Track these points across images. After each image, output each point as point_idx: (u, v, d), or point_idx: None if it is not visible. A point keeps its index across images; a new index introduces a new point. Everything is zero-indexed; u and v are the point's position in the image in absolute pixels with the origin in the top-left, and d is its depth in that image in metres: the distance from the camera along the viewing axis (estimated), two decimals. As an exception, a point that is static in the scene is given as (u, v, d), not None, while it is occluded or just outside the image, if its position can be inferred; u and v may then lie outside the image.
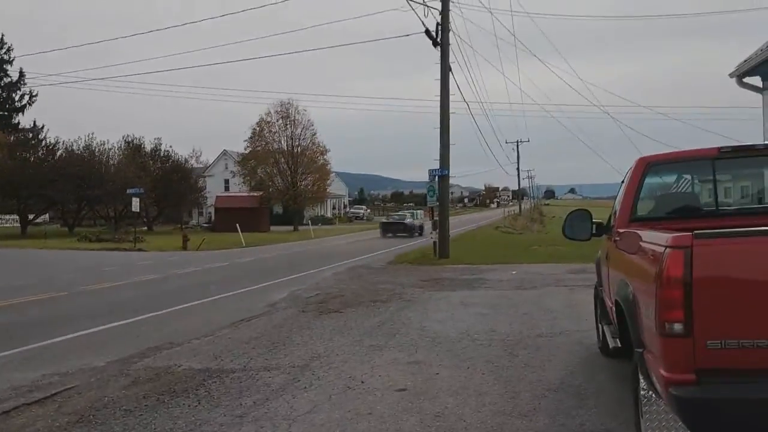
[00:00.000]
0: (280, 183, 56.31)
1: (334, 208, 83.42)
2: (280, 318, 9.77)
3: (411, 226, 39.39)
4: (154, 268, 19.77)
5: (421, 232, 37.77)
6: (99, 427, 4.83)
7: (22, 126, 55.71)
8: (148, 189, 43.34)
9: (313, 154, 57.59)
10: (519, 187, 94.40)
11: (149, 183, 45.87)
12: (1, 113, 55.81)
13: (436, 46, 20.80)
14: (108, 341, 8.35)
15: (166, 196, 51.96)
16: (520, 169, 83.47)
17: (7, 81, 56.31)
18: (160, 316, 10.37)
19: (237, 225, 36.30)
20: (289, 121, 56.69)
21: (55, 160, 45.29)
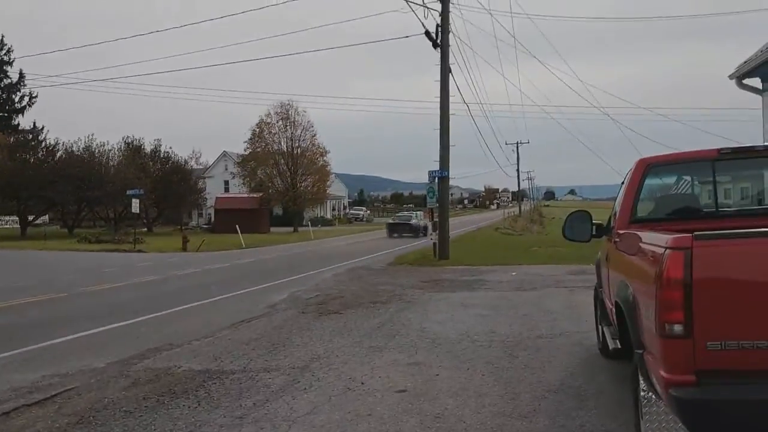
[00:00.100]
0: (280, 184, 56.30)
1: (334, 210, 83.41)
2: (280, 319, 9.77)
3: (416, 227, 39.93)
4: (153, 270, 19.77)
5: (425, 233, 38.01)
6: (99, 428, 4.83)
7: (22, 127, 55.73)
8: (148, 190, 43.36)
9: (312, 156, 57.61)
10: (519, 188, 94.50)
11: (149, 184, 45.87)
12: (1, 114, 55.83)
13: (436, 47, 20.81)
14: (108, 342, 8.35)
15: (165, 198, 51.97)
16: (520, 170, 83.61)
17: (7, 82, 56.34)
18: (160, 318, 10.38)
19: (237, 226, 36.28)
20: (288, 122, 56.74)
21: (54, 161, 45.27)
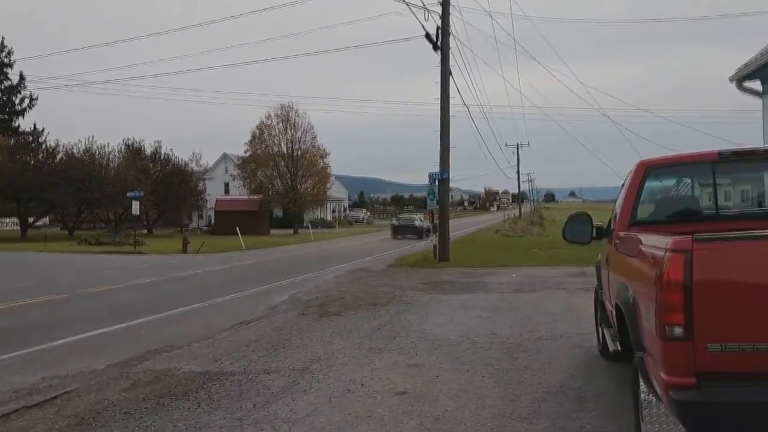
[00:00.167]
0: (280, 186, 56.30)
1: (334, 212, 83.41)
2: (280, 321, 9.76)
3: (420, 229, 40.30)
4: (153, 271, 19.77)
5: (429, 234, 38.33)
6: (99, 429, 4.83)
7: (23, 129, 55.78)
8: (148, 192, 43.32)
9: (313, 158, 57.61)
10: (519, 190, 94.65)
11: (149, 186, 45.82)
12: (2, 116, 55.87)
13: (437, 49, 20.81)
14: (108, 344, 8.34)
15: (166, 199, 51.93)
16: (521, 172, 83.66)
17: (7, 84, 56.40)
18: (160, 319, 10.37)
19: (237, 228, 36.28)
20: (289, 124, 56.73)
21: (55, 163, 45.22)
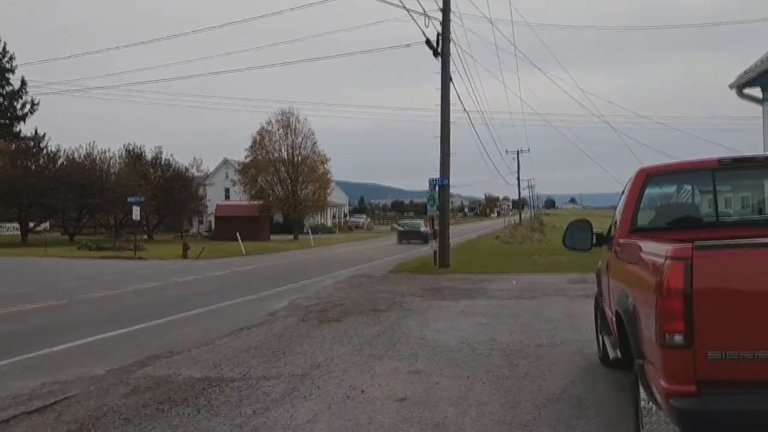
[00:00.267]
0: (281, 192, 56.33)
1: (334, 217, 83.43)
2: (280, 327, 9.75)
3: (425, 234, 40.84)
4: (154, 277, 19.75)
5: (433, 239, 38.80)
6: (98, 436, 4.82)
7: (24, 134, 55.85)
8: (149, 197, 43.39)
9: (313, 163, 57.64)
10: (519, 196, 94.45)
11: (150, 191, 45.89)
12: (3, 122, 55.94)
13: (437, 56, 20.85)
14: (108, 350, 8.34)
15: (166, 205, 51.98)
16: (521, 178, 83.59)
17: (8, 89, 56.49)
18: (159, 325, 10.36)
19: (237, 233, 36.29)
20: (289, 130, 56.78)
21: (56, 168, 45.33)
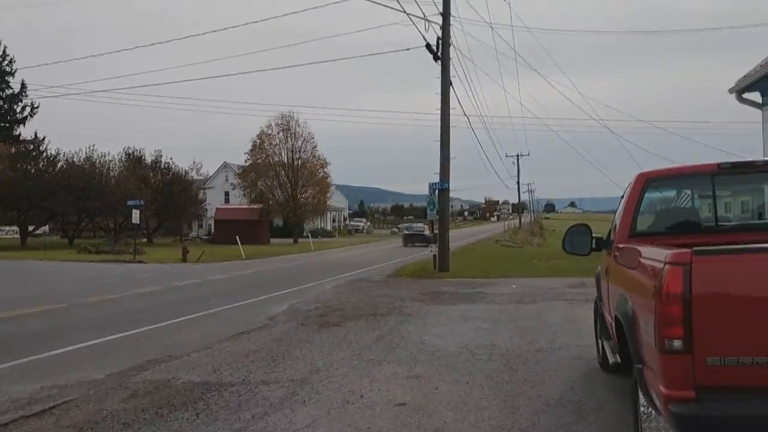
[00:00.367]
0: (280, 195, 56.35)
1: (334, 221, 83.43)
2: (279, 331, 9.75)
3: (429, 237, 41.09)
4: (153, 280, 19.75)
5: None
6: (97, 440, 4.81)
7: (24, 137, 55.83)
8: (149, 201, 43.35)
9: (313, 167, 57.70)
10: (519, 200, 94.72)
11: (149, 195, 45.85)
12: (3, 125, 55.96)
13: (437, 60, 20.89)
14: (107, 354, 8.32)
15: (166, 208, 51.96)
16: (521, 182, 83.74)
17: (8, 92, 56.52)
18: (159, 329, 10.35)
19: (237, 237, 36.26)
20: (289, 133, 56.87)
21: (55, 171, 45.30)
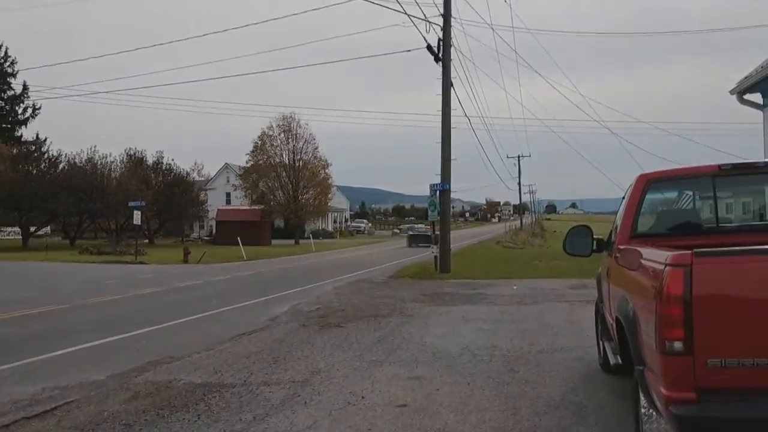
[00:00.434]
0: (282, 197, 56.43)
1: (336, 222, 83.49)
2: (280, 332, 9.75)
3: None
4: (155, 282, 19.76)
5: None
6: (98, 441, 4.82)
7: (25, 139, 55.97)
8: (150, 202, 43.41)
9: (314, 168, 57.78)
10: (520, 201, 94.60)
11: (151, 196, 45.90)
12: (5, 126, 56.04)
13: (438, 61, 20.90)
14: (108, 355, 8.34)
15: (167, 209, 52.05)
16: (522, 183, 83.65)
17: (10, 94, 56.61)
18: (160, 330, 10.36)
19: (238, 238, 36.29)
20: (290, 134, 56.99)
21: (57, 172, 45.45)
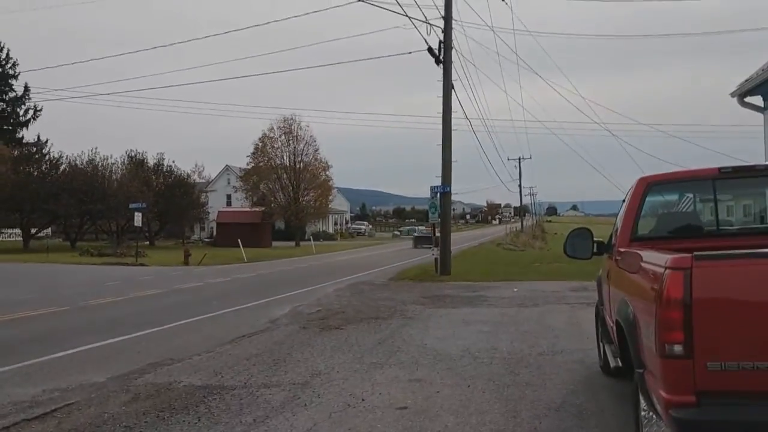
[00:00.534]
0: (282, 198, 56.47)
1: (336, 224, 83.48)
2: (281, 334, 9.75)
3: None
4: (155, 284, 19.75)
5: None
6: (99, 443, 4.82)
7: (27, 140, 56.00)
8: (151, 204, 43.37)
9: (315, 170, 57.80)
10: (521, 203, 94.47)
11: (152, 198, 45.87)
12: (6, 127, 56.10)
13: (439, 63, 20.92)
14: (109, 357, 8.34)
15: (168, 211, 52.04)
16: (522, 185, 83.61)
17: (11, 95, 56.68)
18: (161, 332, 10.37)
19: (239, 240, 36.30)
20: (291, 136, 57.03)
21: (58, 174, 45.40)
